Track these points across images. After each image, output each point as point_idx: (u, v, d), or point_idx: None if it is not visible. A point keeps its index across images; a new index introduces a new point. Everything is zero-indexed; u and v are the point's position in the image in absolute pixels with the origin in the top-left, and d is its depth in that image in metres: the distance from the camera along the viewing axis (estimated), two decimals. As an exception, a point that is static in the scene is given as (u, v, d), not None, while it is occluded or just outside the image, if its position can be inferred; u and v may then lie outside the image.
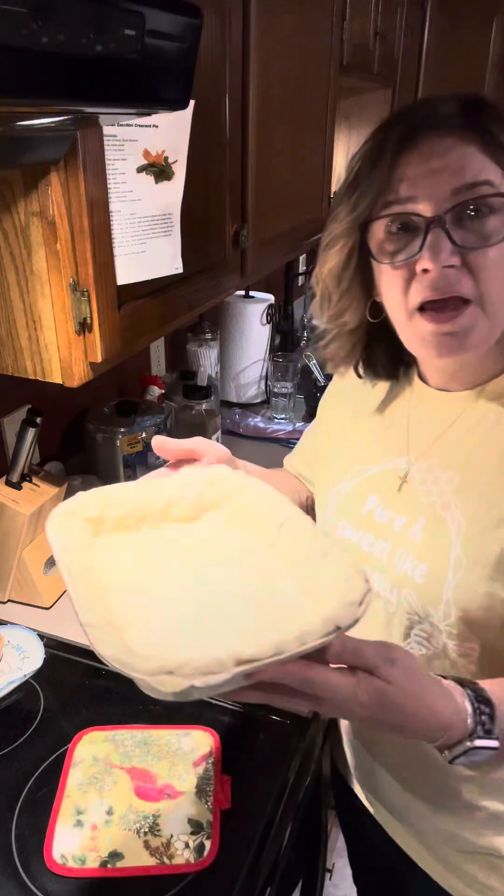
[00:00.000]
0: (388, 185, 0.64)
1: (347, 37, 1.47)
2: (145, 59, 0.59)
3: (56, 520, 0.63)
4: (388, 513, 0.77)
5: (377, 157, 0.65)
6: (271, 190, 1.25)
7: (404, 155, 0.64)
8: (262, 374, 1.96)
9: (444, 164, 0.62)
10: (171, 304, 0.98)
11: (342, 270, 0.72)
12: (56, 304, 0.81)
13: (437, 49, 2.12)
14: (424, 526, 0.74)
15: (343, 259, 0.71)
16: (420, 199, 0.63)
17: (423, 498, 0.75)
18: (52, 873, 0.73)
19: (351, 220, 0.68)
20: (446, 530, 0.71)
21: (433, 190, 0.62)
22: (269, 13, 1.09)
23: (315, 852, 1.07)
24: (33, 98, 0.52)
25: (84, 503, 0.65)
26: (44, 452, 1.37)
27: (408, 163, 0.63)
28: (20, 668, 1.00)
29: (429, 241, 0.62)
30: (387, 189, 0.64)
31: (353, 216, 0.67)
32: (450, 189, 0.62)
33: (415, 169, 0.63)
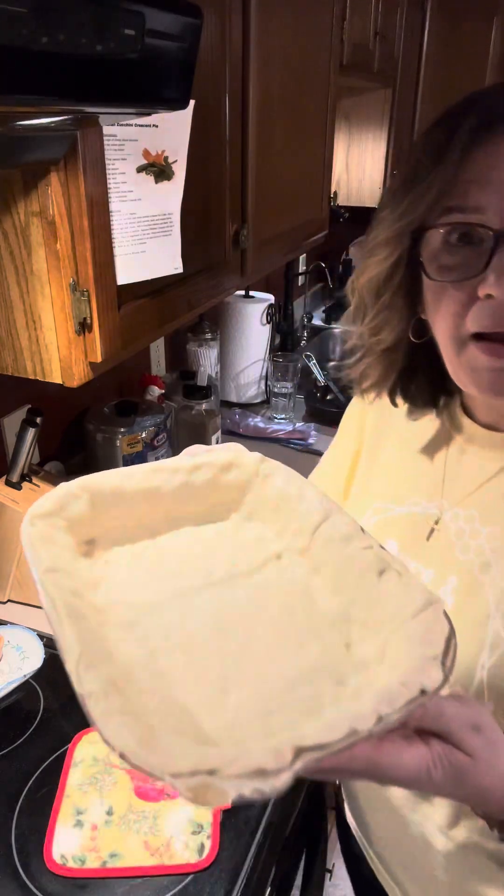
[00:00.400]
0: (452, 186, 0.52)
1: (347, 37, 1.47)
2: (145, 58, 0.59)
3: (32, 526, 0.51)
4: (413, 563, 0.67)
5: (443, 151, 0.52)
6: (271, 190, 1.25)
7: (477, 152, 0.51)
8: (262, 374, 1.96)
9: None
10: (171, 304, 0.98)
11: (385, 281, 0.60)
12: (56, 304, 0.81)
13: (437, 49, 2.12)
14: (457, 587, 0.63)
15: (387, 269, 0.59)
16: (490, 208, 0.51)
17: (458, 554, 0.64)
18: (52, 873, 0.73)
19: (402, 225, 0.56)
20: (484, 599, 0.60)
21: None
22: (269, 13, 1.09)
23: (315, 852, 1.07)
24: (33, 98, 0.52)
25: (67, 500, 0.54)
26: (44, 452, 1.37)
27: (480, 162, 0.51)
28: (20, 668, 1.00)
29: (496, 262, 0.50)
30: (451, 191, 0.52)
31: (406, 220, 0.55)
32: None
33: (488, 171, 0.51)
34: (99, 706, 0.38)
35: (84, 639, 0.42)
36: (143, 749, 0.35)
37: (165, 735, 0.37)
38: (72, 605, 0.45)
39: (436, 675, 0.39)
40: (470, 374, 0.57)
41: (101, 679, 0.39)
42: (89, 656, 0.41)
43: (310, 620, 0.49)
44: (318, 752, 0.36)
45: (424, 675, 0.39)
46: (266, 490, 0.59)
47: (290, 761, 0.35)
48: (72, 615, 0.44)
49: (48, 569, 0.47)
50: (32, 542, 0.50)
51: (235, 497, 0.61)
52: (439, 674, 0.39)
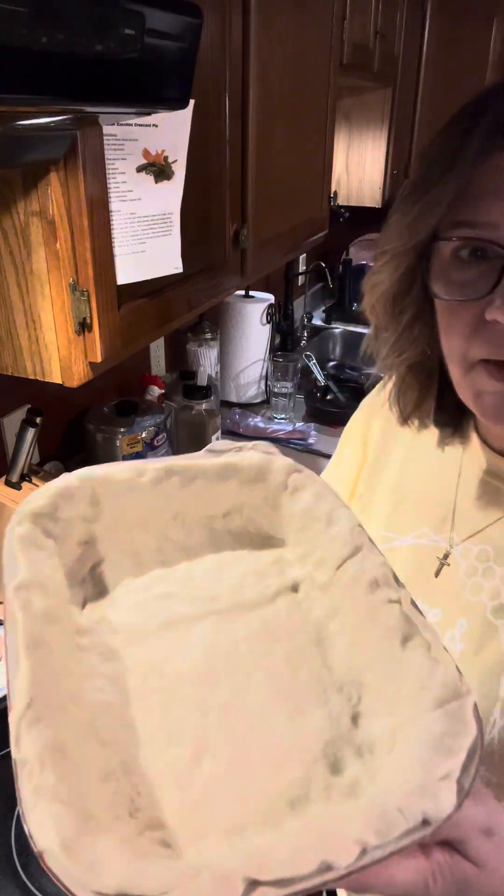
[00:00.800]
0: (464, 198, 0.47)
1: (347, 36, 1.47)
2: (145, 58, 0.59)
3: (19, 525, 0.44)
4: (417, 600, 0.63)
5: (456, 157, 0.47)
6: (271, 190, 1.25)
7: (491, 160, 0.46)
8: (262, 374, 1.96)
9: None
10: (170, 304, 0.98)
11: (401, 296, 0.55)
12: (56, 304, 0.81)
13: (437, 49, 2.12)
14: (468, 632, 0.57)
15: (400, 284, 0.54)
16: (503, 224, 0.46)
17: (469, 594, 0.58)
18: (52, 873, 0.73)
19: (411, 236, 0.51)
20: (498, 647, 0.54)
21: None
22: (269, 13, 1.09)
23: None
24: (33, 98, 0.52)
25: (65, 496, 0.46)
26: (44, 452, 1.37)
27: (494, 172, 0.46)
28: (20, 668, 1.00)
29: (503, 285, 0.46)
30: (462, 204, 0.48)
31: (415, 231, 0.50)
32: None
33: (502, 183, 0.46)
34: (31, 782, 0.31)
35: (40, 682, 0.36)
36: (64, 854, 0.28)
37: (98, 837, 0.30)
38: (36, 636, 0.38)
39: (447, 801, 0.31)
40: (474, 396, 0.52)
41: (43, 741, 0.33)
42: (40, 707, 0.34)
43: (317, 679, 0.43)
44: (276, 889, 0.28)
45: (430, 800, 0.31)
46: (293, 505, 0.52)
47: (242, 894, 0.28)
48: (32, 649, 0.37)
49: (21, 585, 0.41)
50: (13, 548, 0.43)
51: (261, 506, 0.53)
52: (452, 799, 0.31)
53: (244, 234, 1.16)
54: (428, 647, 0.39)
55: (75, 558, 0.48)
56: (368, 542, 0.46)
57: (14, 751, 0.33)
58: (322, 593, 0.47)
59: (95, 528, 0.49)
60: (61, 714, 0.36)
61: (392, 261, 0.53)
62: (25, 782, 0.31)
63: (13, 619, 0.39)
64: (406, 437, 0.68)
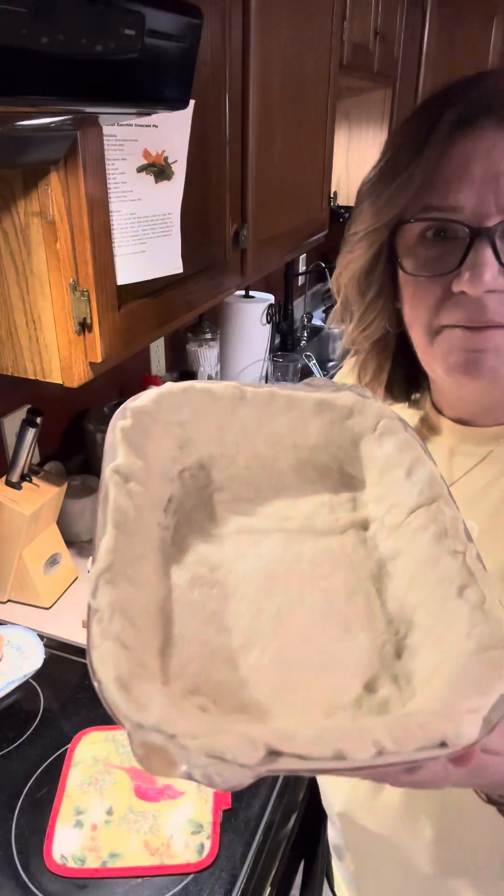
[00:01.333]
0: (431, 183, 0.52)
1: (347, 37, 1.47)
2: (145, 58, 0.59)
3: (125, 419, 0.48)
4: None
5: (422, 145, 0.52)
6: (271, 190, 1.25)
7: (455, 147, 0.51)
8: (262, 374, 1.96)
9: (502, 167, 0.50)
10: (170, 304, 0.98)
11: (367, 276, 0.60)
12: (56, 304, 0.81)
13: (437, 49, 2.12)
14: None
15: (368, 263, 0.59)
16: (467, 206, 0.51)
17: None
18: (52, 873, 0.73)
19: (381, 219, 0.56)
20: None
21: (484, 200, 0.51)
22: (269, 13, 1.09)
23: (315, 852, 1.07)
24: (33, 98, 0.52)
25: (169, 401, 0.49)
26: (44, 452, 1.37)
27: (459, 158, 0.51)
28: (20, 668, 1.00)
29: (470, 259, 0.51)
30: (429, 188, 0.52)
31: (385, 214, 0.55)
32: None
33: (466, 168, 0.51)
34: (100, 625, 0.35)
35: (121, 553, 0.39)
36: (117, 687, 0.32)
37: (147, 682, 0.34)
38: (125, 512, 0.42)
39: (470, 730, 0.32)
40: (445, 355, 0.56)
41: (115, 599, 0.37)
42: (116, 572, 0.38)
43: (369, 606, 0.45)
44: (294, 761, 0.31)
45: (454, 726, 0.32)
46: (376, 450, 0.54)
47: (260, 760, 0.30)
48: (119, 524, 0.41)
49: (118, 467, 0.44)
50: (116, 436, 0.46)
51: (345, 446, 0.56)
52: (475, 730, 0.32)
53: (244, 234, 1.16)
54: (483, 600, 0.40)
55: (169, 457, 0.51)
56: (447, 494, 0.48)
57: (90, 598, 0.37)
58: (390, 534, 0.49)
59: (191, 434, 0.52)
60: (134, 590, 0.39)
61: (365, 239, 0.58)
62: (95, 625, 0.35)
63: (106, 493, 0.42)
64: None
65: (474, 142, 0.51)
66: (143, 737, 0.31)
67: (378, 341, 0.65)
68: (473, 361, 0.55)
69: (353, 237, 0.59)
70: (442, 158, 0.51)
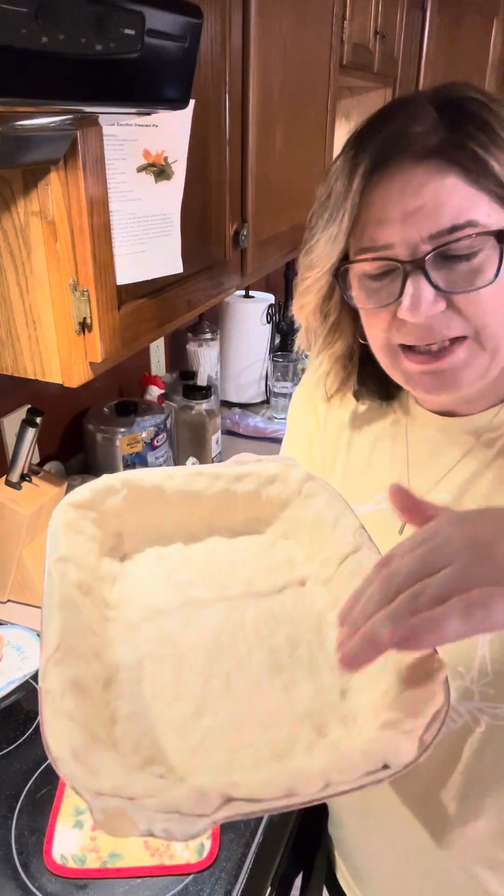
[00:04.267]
0: (359, 228, 0.57)
1: (347, 36, 1.47)
2: (145, 58, 0.59)
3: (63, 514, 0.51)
4: None
5: (346, 194, 0.57)
6: (271, 190, 1.25)
7: (376, 192, 0.56)
8: (262, 374, 1.96)
9: (420, 205, 0.54)
10: (170, 304, 0.98)
11: (324, 304, 0.65)
12: (56, 304, 0.81)
13: (437, 49, 2.12)
14: None
15: (323, 297, 0.64)
16: (396, 242, 0.55)
17: None
18: (52, 873, 0.73)
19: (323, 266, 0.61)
20: None
21: (409, 234, 0.54)
22: (269, 13, 1.09)
23: (315, 852, 1.07)
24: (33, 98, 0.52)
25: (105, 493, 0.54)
26: (44, 452, 1.37)
27: (378, 202, 0.55)
28: (20, 668, 1.00)
29: (408, 289, 0.55)
30: (359, 234, 0.57)
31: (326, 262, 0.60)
32: (427, 233, 0.54)
33: (387, 209, 0.55)
34: (52, 705, 0.37)
35: (69, 633, 0.42)
36: (73, 760, 0.34)
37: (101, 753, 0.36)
38: (69, 598, 0.44)
39: (407, 750, 0.35)
40: (407, 380, 0.61)
41: (65, 679, 0.39)
42: (64, 652, 0.40)
43: (312, 657, 0.48)
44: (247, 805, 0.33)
45: (392, 749, 0.35)
46: (305, 511, 0.58)
47: (215, 809, 0.32)
48: (65, 607, 0.43)
49: (61, 558, 0.47)
50: (57, 529, 0.50)
51: (275, 512, 0.60)
52: (412, 750, 0.35)
53: (244, 234, 1.16)
54: None
55: (109, 546, 0.55)
56: (368, 541, 0.51)
57: (41, 682, 0.39)
58: (325, 587, 0.52)
59: (128, 523, 0.56)
60: (84, 663, 0.41)
61: (315, 283, 0.63)
62: (47, 706, 0.37)
63: (51, 583, 0.45)
64: (352, 415, 0.76)
65: (388, 184, 0.55)
66: (102, 803, 0.32)
67: (342, 356, 0.70)
68: (435, 381, 0.59)
69: (305, 279, 0.63)
70: (363, 206, 0.56)
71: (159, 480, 0.56)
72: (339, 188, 0.58)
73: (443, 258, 0.54)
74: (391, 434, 0.72)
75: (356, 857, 0.84)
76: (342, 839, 0.86)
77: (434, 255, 0.54)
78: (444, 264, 0.54)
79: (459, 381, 0.58)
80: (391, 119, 0.57)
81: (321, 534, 0.55)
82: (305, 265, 0.63)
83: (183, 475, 0.58)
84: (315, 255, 0.61)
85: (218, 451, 1.60)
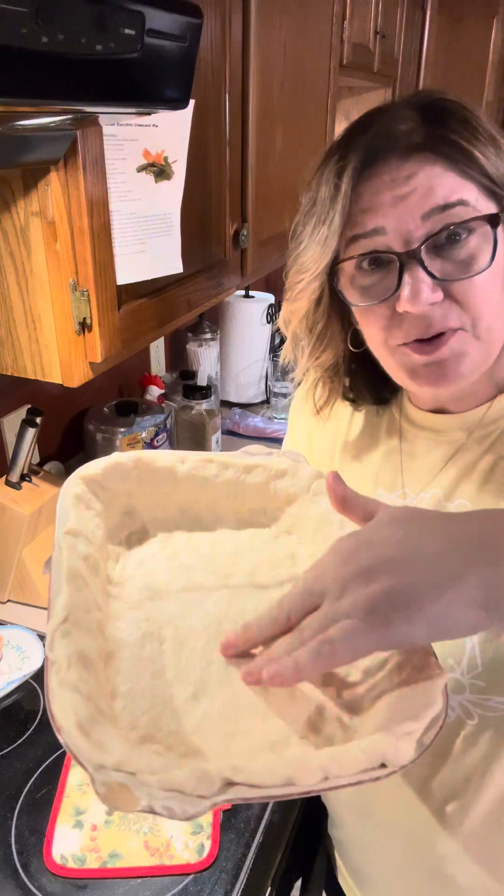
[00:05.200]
0: (350, 218, 0.57)
1: (347, 36, 1.47)
2: (145, 58, 0.59)
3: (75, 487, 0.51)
4: None
5: (337, 192, 0.57)
6: (271, 190, 1.25)
7: (363, 186, 0.56)
8: (262, 374, 1.96)
9: (411, 189, 0.54)
10: (170, 304, 0.98)
11: (314, 312, 0.65)
12: (56, 304, 0.81)
13: (437, 49, 2.12)
14: None
15: (313, 304, 0.64)
16: (389, 230, 0.55)
17: None
18: (52, 873, 0.73)
19: (315, 270, 0.60)
20: None
21: (402, 217, 0.55)
22: (269, 13, 1.09)
23: (314, 853, 1.07)
24: (33, 98, 0.52)
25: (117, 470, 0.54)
26: (43, 452, 1.37)
27: (370, 192, 0.56)
28: (20, 669, 1.00)
29: (405, 280, 0.55)
30: (351, 224, 0.57)
31: (318, 266, 0.60)
32: (420, 214, 0.54)
33: (379, 198, 0.56)
34: (58, 675, 0.37)
35: (75, 606, 0.42)
36: (78, 731, 0.35)
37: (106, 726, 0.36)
38: (77, 571, 0.45)
39: (407, 751, 0.36)
40: (408, 372, 0.61)
41: (71, 650, 0.39)
42: (71, 624, 0.41)
43: None
44: (247, 790, 0.34)
45: (391, 749, 0.36)
46: (311, 508, 0.58)
47: (216, 791, 0.33)
48: (72, 580, 0.44)
49: (70, 531, 0.47)
50: (66, 501, 0.50)
51: (281, 507, 0.60)
52: (410, 751, 0.36)
53: (244, 234, 1.16)
54: None
55: (116, 523, 0.55)
56: None
57: (47, 651, 0.39)
58: None
59: (136, 502, 0.56)
60: (89, 637, 0.42)
61: (307, 287, 0.62)
62: (53, 676, 0.37)
63: (59, 555, 0.45)
64: (347, 417, 0.77)
65: (378, 179, 0.56)
66: (104, 776, 0.33)
67: (329, 367, 0.70)
68: (437, 372, 0.59)
69: (296, 287, 0.63)
70: (355, 197, 0.56)
71: (171, 463, 0.57)
72: (326, 193, 0.58)
73: (436, 247, 0.55)
74: (386, 433, 0.73)
75: (355, 857, 0.85)
76: (341, 840, 0.86)
77: (428, 242, 0.54)
78: (438, 253, 0.55)
79: (459, 371, 0.59)
80: (374, 122, 0.58)
81: (325, 532, 0.55)
82: (295, 270, 0.63)
83: (194, 460, 0.58)
84: (305, 259, 0.61)
85: (218, 451, 1.60)
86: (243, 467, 0.59)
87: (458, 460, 0.66)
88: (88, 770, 0.33)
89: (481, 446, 0.65)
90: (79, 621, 0.42)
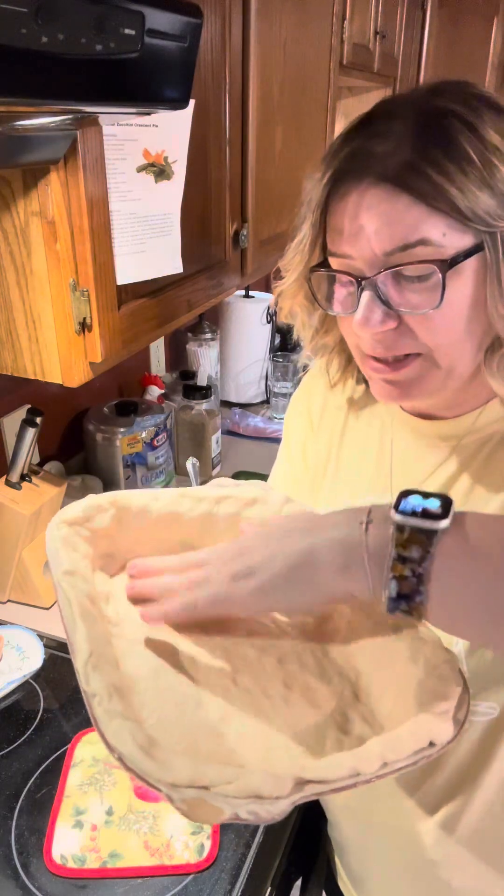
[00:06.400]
0: (326, 233, 0.59)
1: (347, 36, 1.47)
2: (145, 58, 0.59)
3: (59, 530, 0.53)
4: None
5: (312, 204, 0.59)
6: (271, 190, 1.25)
7: (335, 203, 0.57)
8: (262, 374, 1.96)
9: (372, 221, 0.54)
10: (171, 304, 0.98)
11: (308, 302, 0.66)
12: (56, 303, 0.81)
13: (437, 49, 2.12)
14: None
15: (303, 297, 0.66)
16: (355, 255, 0.56)
17: None
18: (52, 873, 0.73)
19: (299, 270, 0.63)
20: None
21: (364, 251, 0.55)
22: (269, 13, 1.09)
23: (314, 855, 1.07)
24: (33, 98, 0.52)
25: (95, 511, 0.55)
26: (43, 452, 1.37)
27: (339, 212, 0.57)
28: (20, 669, 1.00)
29: (361, 304, 0.56)
30: (329, 236, 0.59)
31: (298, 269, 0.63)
32: (380, 252, 0.54)
33: (344, 221, 0.56)
34: (102, 706, 0.38)
35: (94, 640, 0.43)
36: (142, 755, 0.36)
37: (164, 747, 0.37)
38: (85, 608, 0.46)
39: (447, 728, 0.39)
40: (372, 382, 0.63)
41: (106, 682, 0.40)
42: (97, 658, 0.42)
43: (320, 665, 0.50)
44: (318, 786, 0.36)
45: (435, 728, 0.39)
46: None
47: (290, 791, 0.35)
48: (85, 616, 0.45)
49: (67, 571, 0.48)
50: (55, 544, 0.51)
51: None
52: (450, 728, 0.39)
53: (244, 234, 1.16)
54: (416, 629, 0.47)
55: (101, 564, 0.56)
56: None
57: (84, 685, 0.40)
58: None
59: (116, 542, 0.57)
60: (114, 671, 0.43)
61: (288, 290, 0.66)
62: (97, 707, 0.39)
63: (65, 595, 0.46)
64: (342, 419, 0.78)
65: (344, 200, 0.56)
66: (181, 794, 0.34)
67: (340, 342, 0.70)
68: (395, 391, 0.61)
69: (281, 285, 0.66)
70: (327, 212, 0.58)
71: (145, 502, 0.58)
72: (311, 197, 0.60)
73: (397, 276, 0.55)
74: (378, 440, 0.74)
75: (353, 860, 0.84)
76: (340, 842, 0.86)
77: (387, 273, 0.55)
78: (398, 283, 0.55)
79: (412, 393, 0.60)
80: (361, 131, 0.58)
81: None
82: (283, 269, 0.66)
83: (167, 497, 0.59)
84: (287, 261, 0.64)
85: (218, 451, 1.60)
86: (214, 500, 0.60)
87: (447, 467, 0.67)
88: (163, 791, 0.34)
89: (471, 452, 0.65)
90: (102, 654, 0.43)
